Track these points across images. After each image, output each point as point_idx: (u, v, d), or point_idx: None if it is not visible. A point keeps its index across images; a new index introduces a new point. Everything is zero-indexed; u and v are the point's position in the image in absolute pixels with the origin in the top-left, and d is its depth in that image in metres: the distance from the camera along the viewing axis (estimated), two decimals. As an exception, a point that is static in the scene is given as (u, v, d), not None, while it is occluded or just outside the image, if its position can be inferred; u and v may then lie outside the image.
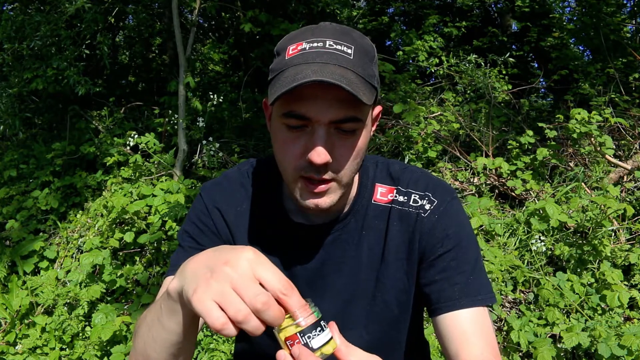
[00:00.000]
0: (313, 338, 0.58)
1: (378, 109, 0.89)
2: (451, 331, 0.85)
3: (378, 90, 0.81)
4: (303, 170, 0.79)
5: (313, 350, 0.58)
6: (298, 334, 0.58)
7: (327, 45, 0.76)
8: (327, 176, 0.79)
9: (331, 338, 0.61)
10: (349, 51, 0.76)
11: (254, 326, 0.56)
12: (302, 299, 0.59)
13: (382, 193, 0.95)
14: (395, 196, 0.94)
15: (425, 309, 1.00)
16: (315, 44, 0.76)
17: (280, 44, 0.82)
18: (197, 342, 1.91)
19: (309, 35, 0.78)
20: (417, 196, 0.93)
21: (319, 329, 0.59)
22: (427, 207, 0.91)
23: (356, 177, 0.95)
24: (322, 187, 0.80)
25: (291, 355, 0.58)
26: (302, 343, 0.58)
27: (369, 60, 0.79)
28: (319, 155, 0.75)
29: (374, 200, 0.95)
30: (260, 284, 0.57)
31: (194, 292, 0.57)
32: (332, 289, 0.94)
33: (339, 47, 0.76)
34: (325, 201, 0.82)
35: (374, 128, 0.89)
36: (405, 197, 0.93)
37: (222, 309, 0.55)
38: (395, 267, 0.93)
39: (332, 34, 0.78)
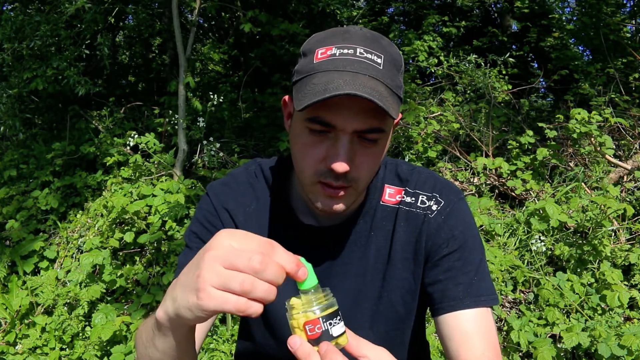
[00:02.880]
0: (334, 325, 0.57)
1: (399, 116, 0.89)
2: (453, 331, 0.85)
3: (402, 100, 0.81)
4: (322, 176, 0.79)
5: (332, 337, 0.57)
6: (321, 319, 0.57)
7: (357, 53, 0.75)
8: (345, 183, 0.79)
9: (345, 331, 0.60)
10: (379, 61, 0.75)
11: (265, 290, 0.53)
12: (290, 253, 0.57)
13: (391, 194, 0.95)
14: (403, 197, 0.94)
15: (427, 308, 1.00)
16: (345, 50, 0.75)
17: (307, 45, 0.81)
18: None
19: (339, 40, 0.77)
20: (425, 197, 0.93)
21: (338, 317, 0.58)
22: (434, 207, 0.92)
23: None
24: (339, 192, 0.80)
25: (308, 340, 0.57)
26: (323, 329, 0.57)
27: (396, 70, 0.78)
28: (342, 164, 0.75)
29: (382, 202, 0.95)
30: None
31: (198, 297, 0.54)
32: (339, 289, 0.94)
33: (369, 55, 0.75)
34: (341, 205, 0.82)
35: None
36: (413, 198, 0.93)
37: (229, 291, 0.53)
38: (402, 268, 0.93)
39: (362, 41, 0.76)
